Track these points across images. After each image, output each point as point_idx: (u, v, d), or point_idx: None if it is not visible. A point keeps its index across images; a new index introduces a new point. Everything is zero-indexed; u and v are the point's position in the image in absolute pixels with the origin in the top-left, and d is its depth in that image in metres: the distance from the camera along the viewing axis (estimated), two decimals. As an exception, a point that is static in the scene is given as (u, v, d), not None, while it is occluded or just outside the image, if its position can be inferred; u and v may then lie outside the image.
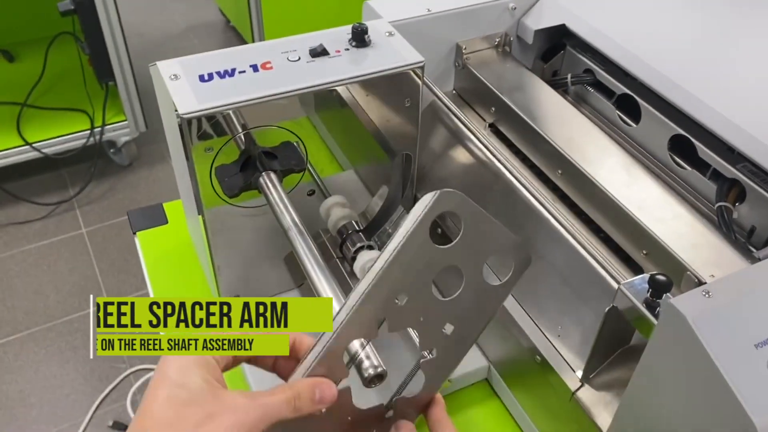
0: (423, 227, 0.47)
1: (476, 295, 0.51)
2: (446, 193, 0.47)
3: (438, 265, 0.49)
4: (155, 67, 0.63)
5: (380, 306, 0.47)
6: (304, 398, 0.45)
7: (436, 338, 0.50)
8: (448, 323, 0.51)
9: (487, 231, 0.50)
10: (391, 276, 0.46)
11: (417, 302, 0.48)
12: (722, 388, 0.40)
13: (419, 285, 0.48)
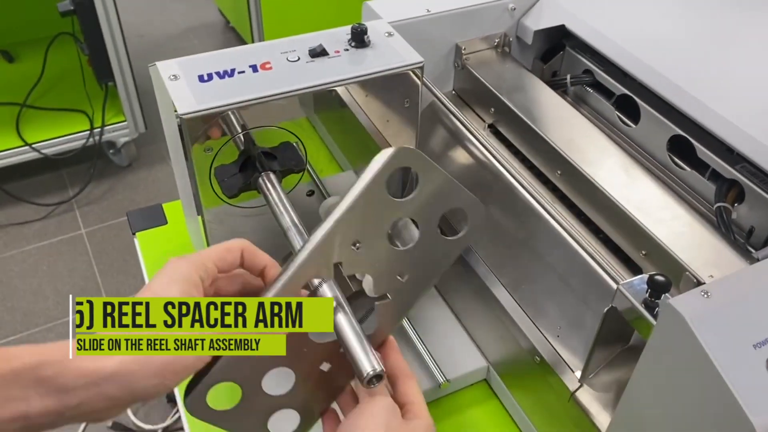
0: (380, 179, 0.50)
1: (431, 246, 0.53)
2: (403, 149, 0.50)
3: (394, 216, 0.51)
4: (155, 68, 0.63)
5: (337, 249, 0.50)
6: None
7: (391, 284, 0.53)
8: (403, 271, 0.53)
9: (443, 188, 0.52)
10: (349, 222, 0.49)
11: (373, 249, 0.51)
12: (721, 388, 0.40)
13: (376, 233, 0.51)
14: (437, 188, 0.52)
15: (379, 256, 0.52)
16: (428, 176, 0.52)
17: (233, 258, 0.51)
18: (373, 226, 0.51)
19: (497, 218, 0.73)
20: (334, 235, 0.50)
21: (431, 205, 0.52)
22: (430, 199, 0.52)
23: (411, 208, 0.52)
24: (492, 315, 0.68)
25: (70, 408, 0.41)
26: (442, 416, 0.71)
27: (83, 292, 1.85)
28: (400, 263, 0.53)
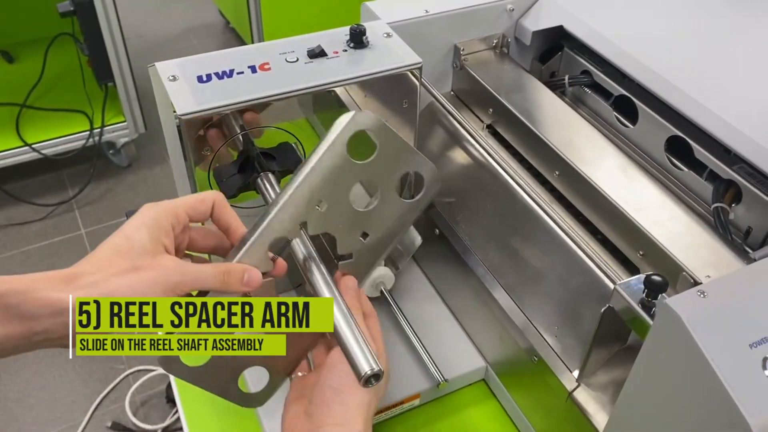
0: (341, 142, 0.53)
1: (390, 208, 0.57)
2: (362, 114, 0.54)
3: (355, 178, 0.55)
4: (154, 68, 0.63)
5: (302, 209, 0.53)
6: (233, 276, 0.50)
7: (353, 244, 0.57)
8: (364, 231, 0.56)
9: (400, 153, 0.56)
10: (313, 183, 0.53)
11: (336, 210, 0.54)
12: (717, 388, 0.40)
13: (338, 195, 0.54)
14: (394, 152, 0.55)
15: (343, 216, 0.55)
16: (385, 140, 0.55)
17: (204, 208, 0.53)
18: (335, 188, 0.54)
19: (495, 219, 0.73)
20: (299, 196, 0.52)
21: (389, 168, 0.56)
22: (388, 162, 0.55)
23: (370, 170, 0.55)
24: (490, 315, 0.69)
25: (37, 333, 0.44)
26: (441, 416, 0.71)
27: (83, 293, 1.85)
28: (362, 224, 0.56)
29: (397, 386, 0.69)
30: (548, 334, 0.63)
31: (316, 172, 0.53)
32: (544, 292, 0.66)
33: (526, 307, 0.66)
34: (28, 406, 1.59)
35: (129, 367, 1.65)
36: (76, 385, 1.64)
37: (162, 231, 0.50)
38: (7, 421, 1.56)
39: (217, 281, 0.50)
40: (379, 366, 0.50)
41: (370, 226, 0.57)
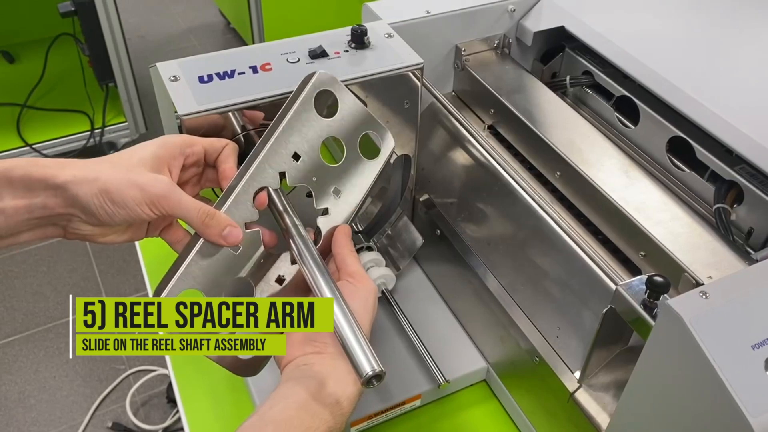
0: (309, 99, 0.58)
1: (355, 166, 0.61)
2: (323, 74, 0.59)
3: (323, 134, 0.59)
4: (155, 69, 0.63)
5: (281, 160, 0.57)
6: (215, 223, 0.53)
7: (327, 199, 0.61)
8: (335, 186, 0.61)
9: (357, 113, 0.61)
10: (288, 136, 0.57)
11: (310, 163, 0.59)
12: (719, 389, 0.40)
13: (311, 149, 0.59)
14: (353, 113, 0.60)
15: (316, 170, 0.59)
16: (345, 101, 0.60)
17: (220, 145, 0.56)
18: (308, 142, 0.59)
19: (496, 219, 0.73)
20: (278, 147, 0.57)
21: (350, 128, 0.60)
22: (349, 122, 0.60)
23: (335, 127, 0.60)
24: (491, 315, 0.69)
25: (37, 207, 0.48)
26: (442, 416, 0.71)
27: (83, 293, 1.85)
28: (333, 179, 0.60)
29: (399, 387, 0.69)
30: (549, 335, 0.63)
31: (291, 126, 0.57)
32: (546, 292, 0.66)
33: (527, 308, 0.66)
34: (28, 406, 1.59)
35: (129, 367, 1.65)
36: (76, 385, 1.64)
37: (168, 152, 0.52)
38: (7, 421, 1.56)
39: (198, 219, 0.52)
40: (381, 367, 0.50)
41: (340, 182, 0.61)
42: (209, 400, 0.72)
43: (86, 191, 0.49)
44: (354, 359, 0.50)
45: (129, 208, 0.50)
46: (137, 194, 0.49)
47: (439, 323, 0.76)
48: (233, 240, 0.54)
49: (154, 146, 0.53)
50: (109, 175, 0.49)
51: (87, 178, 0.49)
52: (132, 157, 0.52)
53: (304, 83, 0.58)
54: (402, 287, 0.79)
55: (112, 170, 0.50)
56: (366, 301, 0.55)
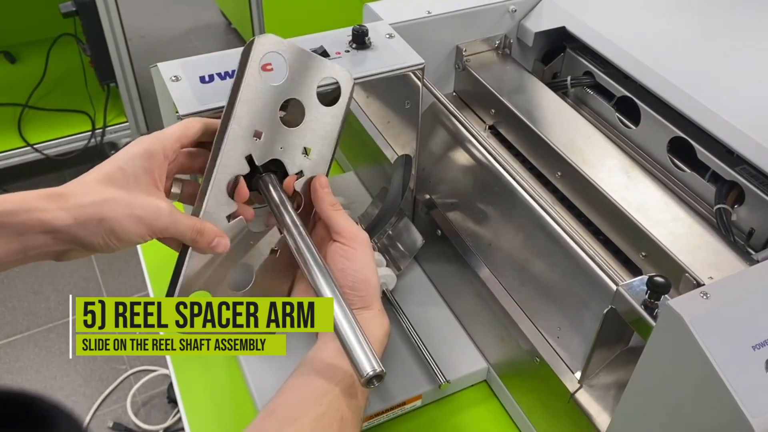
0: (255, 70, 0.55)
1: (318, 118, 0.59)
2: (263, 36, 0.55)
3: (278, 99, 0.57)
4: (156, 69, 0.63)
5: (244, 144, 0.56)
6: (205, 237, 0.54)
7: (299, 162, 0.60)
8: (305, 147, 0.59)
9: (309, 64, 0.58)
10: (243, 118, 0.55)
11: (272, 135, 0.57)
12: (720, 389, 0.40)
13: (271, 120, 0.57)
14: (304, 65, 0.57)
15: (281, 139, 0.58)
16: (293, 56, 0.57)
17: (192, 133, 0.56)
18: (265, 115, 0.56)
19: (497, 219, 0.73)
20: (236, 134, 0.55)
21: (305, 81, 0.58)
22: (302, 76, 0.57)
23: (290, 87, 0.57)
24: (492, 316, 0.69)
25: (32, 248, 0.47)
26: (443, 417, 0.71)
27: (84, 293, 1.85)
28: (300, 141, 0.59)
29: (399, 387, 0.69)
30: (550, 336, 0.63)
31: (243, 107, 0.55)
32: (546, 292, 0.66)
33: (527, 308, 0.66)
34: (29, 406, 1.59)
35: (130, 367, 1.65)
36: (77, 385, 1.64)
37: (154, 162, 0.52)
38: (8, 421, 1.56)
39: (189, 236, 0.53)
40: (381, 366, 0.50)
41: (308, 140, 0.60)
42: (210, 400, 0.72)
43: (90, 233, 0.48)
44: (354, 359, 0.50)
45: (133, 241, 0.51)
46: (142, 229, 0.50)
47: (440, 323, 0.76)
48: (222, 249, 0.55)
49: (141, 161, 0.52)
50: (113, 213, 0.49)
51: (90, 220, 0.48)
52: (126, 179, 0.51)
53: (246, 54, 0.55)
54: (403, 287, 0.79)
55: (114, 204, 0.49)
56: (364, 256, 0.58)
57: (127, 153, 0.52)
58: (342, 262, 0.59)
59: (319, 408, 0.51)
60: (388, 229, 0.80)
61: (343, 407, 0.52)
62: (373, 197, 0.85)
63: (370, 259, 0.60)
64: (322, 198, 0.61)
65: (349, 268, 0.58)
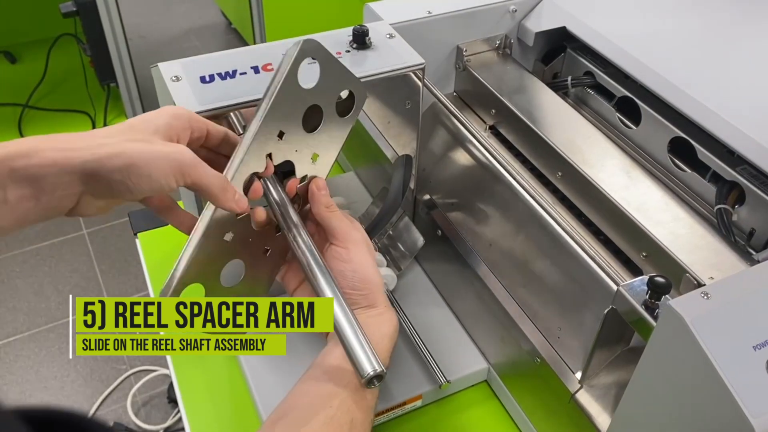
0: (294, 72, 0.55)
1: (332, 126, 0.61)
2: (308, 41, 0.55)
3: (305, 104, 0.58)
4: (157, 69, 0.63)
5: (268, 143, 0.57)
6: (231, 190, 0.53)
7: (306, 167, 0.61)
8: (315, 152, 0.61)
9: (338, 74, 0.59)
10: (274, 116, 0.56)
11: (293, 137, 0.58)
12: (720, 390, 0.40)
13: (294, 122, 0.58)
14: (333, 75, 0.58)
15: (299, 142, 0.59)
16: (328, 65, 0.58)
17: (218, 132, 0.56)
18: (291, 116, 0.57)
19: (498, 220, 0.73)
20: (265, 131, 0.56)
21: (331, 90, 0.59)
22: (330, 84, 0.59)
23: (316, 94, 0.58)
24: (492, 316, 0.69)
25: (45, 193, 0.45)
26: (443, 417, 0.71)
27: (85, 293, 1.85)
28: (313, 146, 0.60)
29: (400, 387, 0.69)
30: (551, 336, 0.63)
31: (276, 106, 0.55)
32: (547, 293, 0.66)
33: (528, 308, 0.66)
34: (29, 406, 1.59)
35: (131, 367, 1.65)
36: (77, 385, 1.64)
37: (180, 124, 0.51)
38: (8, 421, 1.56)
39: (219, 186, 0.52)
40: (382, 367, 0.50)
41: (318, 146, 0.61)
42: (210, 400, 0.72)
43: (109, 168, 0.46)
44: (355, 359, 0.50)
45: (154, 180, 0.48)
46: (165, 165, 0.48)
47: (440, 324, 0.76)
48: (243, 205, 0.54)
49: (168, 116, 0.51)
50: (134, 148, 0.47)
51: (109, 153, 0.46)
52: (148, 125, 0.50)
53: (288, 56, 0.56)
54: (403, 287, 0.79)
55: (135, 143, 0.48)
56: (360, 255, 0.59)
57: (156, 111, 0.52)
58: (339, 265, 0.59)
59: (329, 410, 0.51)
60: (389, 229, 0.80)
61: (353, 409, 0.52)
62: (374, 197, 0.85)
63: (367, 258, 0.60)
64: (318, 200, 0.61)
65: (346, 269, 0.58)
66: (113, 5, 1.85)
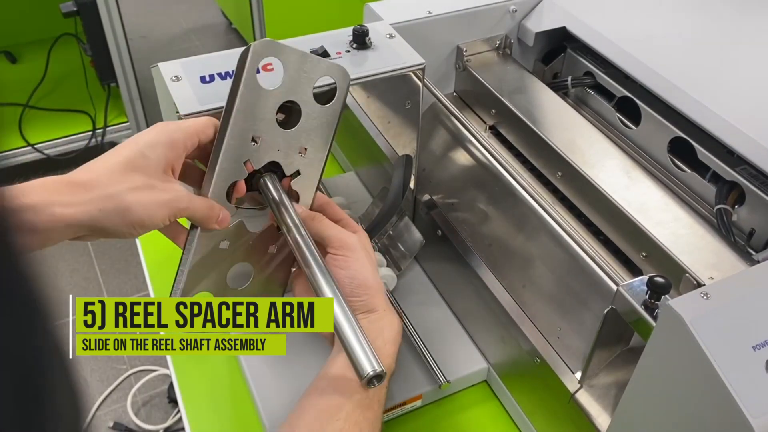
0: (251, 79, 0.54)
1: (314, 117, 0.59)
2: (258, 43, 0.54)
3: (275, 104, 0.56)
4: (157, 69, 0.63)
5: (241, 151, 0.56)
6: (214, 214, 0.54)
7: (296, 162, 0.60)
8: (302, 146, 0.60)
9: (306, 65, 0.57)
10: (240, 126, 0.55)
11: (269, 138, 0.57)
12: (720, 389, 0.40)
13: (265, 125, 0.56)
14: (300, 67, 0.57)
15: (277, 142, 0.58)
16: (289, 59, 0.56)
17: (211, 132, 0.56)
18: (261, 120, 0.56)
19: (498, 220, 0.73)
20: (233, 143, 0.55)
21: (301, 83, 0.57)
22: (298, 77, 0.57)
23: (286, 90, 0.57)
24: (492, 316, 0.69)
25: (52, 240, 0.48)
26: (443, 417, 0.71)
27: (85, 293, 1.85)
28: (297, 142, 0.59)
29: (400, 387, 0.69)
30: (550, 336, 0.63)
31: (240, 115, 0.55)
32: (547, 293, 0.66)
33: (528, 309, 0.66)
34: (30, 405, 1.59)
35: (131, 367, 1.65)
36: (77, 385, 1.64)
37: (175, 153, 0.52)
38: (9, 420, 1.56)
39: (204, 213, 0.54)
40: (382, 366, 0.50)
41: (304, 140, 0.60)
42: (210, 400, 0.72)
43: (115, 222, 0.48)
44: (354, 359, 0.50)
45: (151, 226, 0.51)
46: (164, 212, 0.51)
47: (440, 324, 0.76)
48: (225, 224, 0.56)
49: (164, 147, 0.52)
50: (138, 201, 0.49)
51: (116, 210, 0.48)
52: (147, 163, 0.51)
53: (242, 62, 0.54)
54: (403, 287, 0.79)
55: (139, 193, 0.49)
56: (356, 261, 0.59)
57: (150, 138, 0.52)
58: (337, 272, 0.58)
59: (336, 423, 0.51)
60: (389, 229, 0.80)
61: (360, 419, 0.52)
62: (374, 197, 0.85)
63: (363, 262, 0.59)
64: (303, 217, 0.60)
65: (343, 276, 0.58)
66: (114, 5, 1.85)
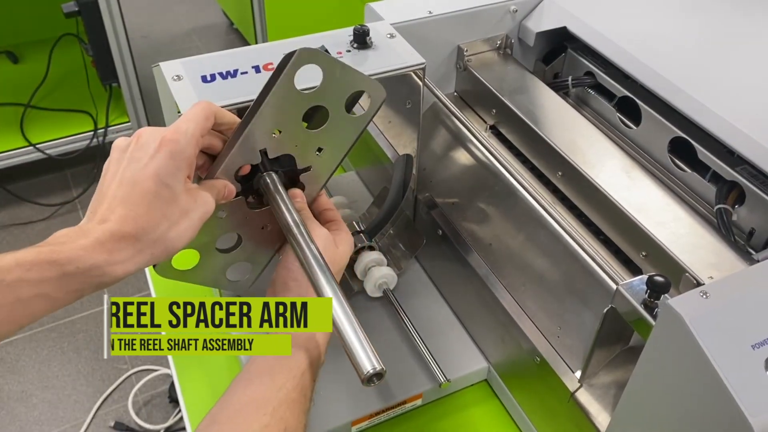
0: (288, 81, 0.56)
1: (341, 124, 0.61)
2: (305, 50, 0.55)
3: (307, 105, 0.58)
4: (158, 68, 0.63)
5: (261, 139, 0.58)
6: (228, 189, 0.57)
7: (311, 159, 0.62)
8: (320, 147, 0.62)
9: (346, 77, 0.59)
10: (266, 118, 0.57)
11: (291, 134, 0.59)
12: (719, 388, 0.40)
13: (292, 121, 0.59)
14: (339, 77, 0.59)
15: (298, 138, 0.60)
16: (330, 70, 0.58)
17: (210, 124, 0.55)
18: (288, 117, 0.58)
19: (498, 219, 0.73)
20: (256, 130, 0.57)
21: (337, 92, 0.59)
22: (336, 87, 0.59)
23: (319, 95, 0.58)
24: (492, 315, 0.69)
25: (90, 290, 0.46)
26: (443, 415, 0.71)
27: (86, 292, 1.85)
28: (316, 141, 0.61)
29: (400, 386, 0.69)
30: (550, 335, 0.63)
31: (269, 109, 0.56)
32: (547, 292, 0.66)
33: (528, 308, 0.66)
34: (30, 405, 1.60)
35: (132, 366, 1.66)
36: (78, 384, 1.64)
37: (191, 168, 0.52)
38: (10, 420, 1.56)
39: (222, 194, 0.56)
40: (381, 365, 0.50)
41: (323, 142, 0.61)
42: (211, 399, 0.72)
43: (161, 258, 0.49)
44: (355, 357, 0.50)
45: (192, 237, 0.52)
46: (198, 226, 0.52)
47: (441, 323, 0.76)
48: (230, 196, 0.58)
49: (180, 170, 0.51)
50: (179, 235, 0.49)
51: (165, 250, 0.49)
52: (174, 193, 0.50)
53: (283, 64, 0.56)
54: (403, 287, 0.79)
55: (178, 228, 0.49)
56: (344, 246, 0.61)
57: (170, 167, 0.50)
58: None
59: (263, 419, 0.50)
60: (390, 229, 0.80)
61: (287, 416, 0.51)
62: (374, 197, 0.85)
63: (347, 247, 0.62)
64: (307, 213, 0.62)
65: None
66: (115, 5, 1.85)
